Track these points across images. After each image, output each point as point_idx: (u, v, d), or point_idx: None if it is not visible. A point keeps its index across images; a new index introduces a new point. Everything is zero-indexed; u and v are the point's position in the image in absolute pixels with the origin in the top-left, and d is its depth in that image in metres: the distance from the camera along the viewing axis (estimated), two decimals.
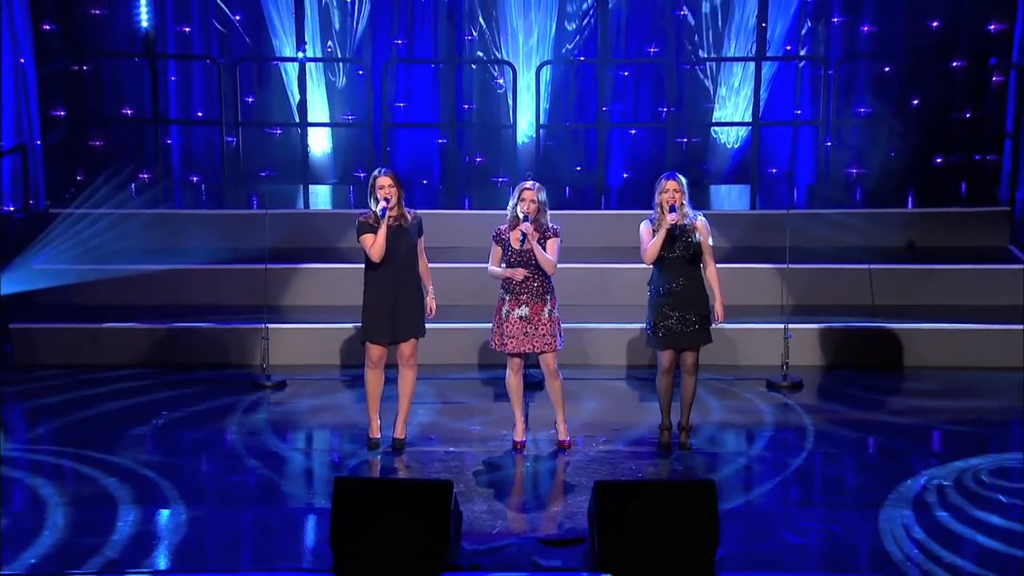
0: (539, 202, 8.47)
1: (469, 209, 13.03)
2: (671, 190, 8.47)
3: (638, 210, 10.38)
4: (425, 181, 14.60)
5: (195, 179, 14.59)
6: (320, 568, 6.87)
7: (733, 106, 14.47)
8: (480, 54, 14.44)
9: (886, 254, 11.86)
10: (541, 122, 13.90)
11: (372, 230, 8.51)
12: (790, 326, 10.42)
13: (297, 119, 14.32)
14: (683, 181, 8.54)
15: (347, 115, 14.63)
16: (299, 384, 10.40)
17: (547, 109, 14.19)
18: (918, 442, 9.10)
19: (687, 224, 8.52)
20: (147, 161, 14.20)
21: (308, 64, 14.18)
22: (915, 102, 14.05)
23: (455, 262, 11.12)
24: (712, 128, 14.52)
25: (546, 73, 14.00)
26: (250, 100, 14.46)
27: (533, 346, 8.57)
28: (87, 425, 9.41)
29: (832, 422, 9.48)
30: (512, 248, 8.55)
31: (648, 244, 8.53)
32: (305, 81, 14.18)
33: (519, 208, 8.47)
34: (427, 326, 8.80)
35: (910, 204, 13.10)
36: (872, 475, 8.44)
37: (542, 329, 8.56)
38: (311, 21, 14.28)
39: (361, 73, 14.37)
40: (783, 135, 14.54)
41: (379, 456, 8.72)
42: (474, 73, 14.52)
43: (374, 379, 8.76)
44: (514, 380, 8.74)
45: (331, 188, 14.45)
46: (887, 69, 14.15)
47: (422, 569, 6.66)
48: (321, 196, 14.15)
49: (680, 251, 8.53)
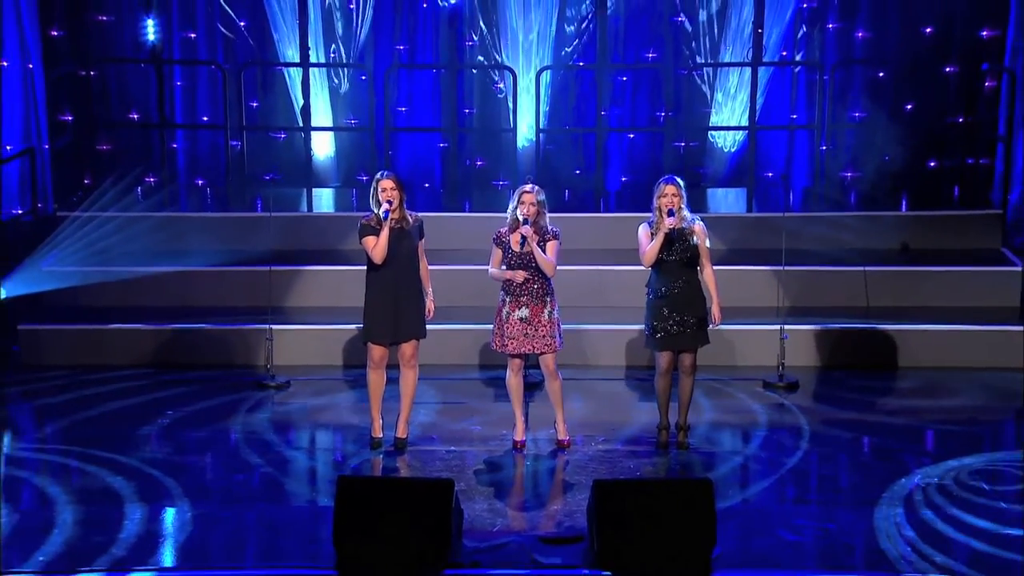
0: (539, 204, 8.47)
1: (470, 212, 13.03)
2: (670, 194, 8.46)
3: (636, 213, 10.38)
4: (426, 184, 14.59)
5: (200, 182, 14.58)
6: (323, 566, 6.87)
7: (730, 111, 14.46)
8: (481, 58, 14.43)
9: (880, 256, 11.86)
10: (541, 126, 13.89)
11: (374, 232, 8.50)
12: (786, 327, 10.42)
13: (301, 123, 14.32)
14: (681, 185, 8.54)
15: (350, 119, 14.62)
16: (302, 384, 10.39)
17: (547, 113, 14.18)
18: (912, 441, 9.10)
19: (685, 227, 8.51)
20: (153, 165, 14.18)
21: (312, 69, 14.18)
22: (909, 107, 14.04)
23: (456, 264, 11.12)
24: (709, 132, 14.50)
25: (546, 78, 14.00)
26: (254, 105, 14.46)
27: (533, 347, 8.57)
28: (94, 424, 9.41)
29: (827, 422, 9.47)
30: (512, 250, 8.54)
31: (646, 247, 8.52)
32: (309, 86, 14.19)
33: (519, 211, 8.47)
34: (428, 327, 8.80)
35: (904, 207, 13.09)
36: (866, 474, 8.45)
37: (542, 330, 8.55)
38: (315, 27, 14.27)
39: (364, 78, 14.36)
40: (779, 139, 14.52)
41: (381, 455, 8.72)
42: (475, 78, 14.51)
43: (376, 379, 8.75)
44: (514, 380, 8.74)
45: (334, 191, 14.44)
46: (881, 74, 14.14)
47: (424, 566, 6.66)
48: (324, 199, 14.14)
49: (678, 254, 8.52)
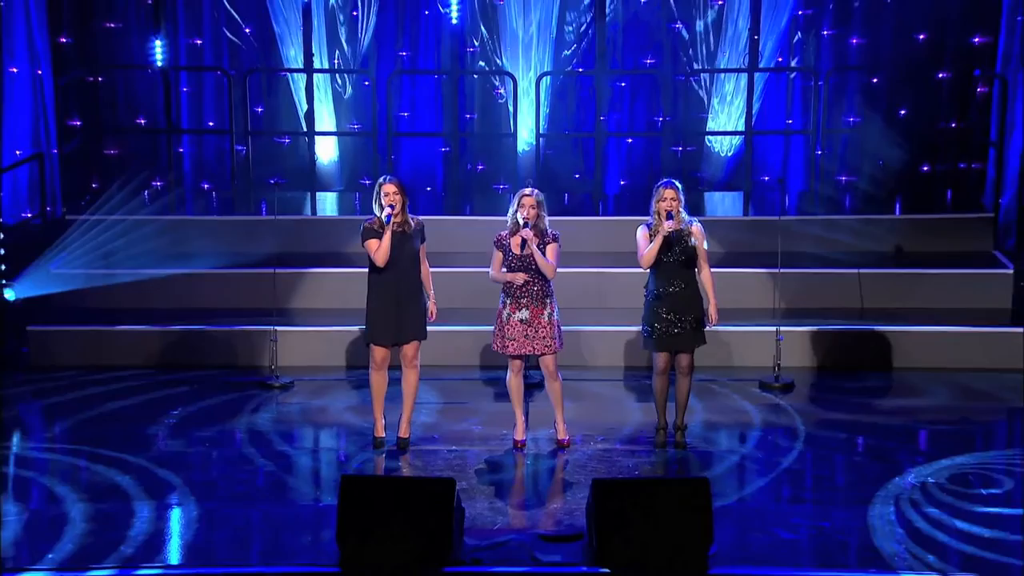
0: (538, 207, 8.46)
1: (471, 215, 13.02)
2: (668, 198, 8.45)
3: (635, 216, 10.36)
4: (428, 188, 14.58)
5: (206, 186, 14.58)
6: (327, 563, 6.86)
7: (726, 116, 14.46)
8: (482, 63, 14.43)
9: (875, 259, 11.85)
10: (541, 131, 13.89)
11: (377, 235, 8.50)
12: (782, 328, 10.40)
13: (305, 128, 14.33)
14: (679, 188, 8.54)
15: (353, 124, 14.62)
16: (306, 385, 10.38)
17: (547, 118, 14.19)
18: (906, 441, 9.09)
19: (682, 229, 8.51)
20: (160, 169, 14.19)
21: (316, 75, 14.18)
22: (903, 112, 14.05)
23: (457, 266, 11.11)
24: (706, 137, 14.50)
25: (546, 84, 14.00)
26: (259, 110, 14.45)
27: (533, 348, 8.56)
28: (102, 424, 9.41)
29: (822, 422, 9.46)
30: (513, 253, 8.54)
31: (645, 250, 8.51)
32: (313, 91, 14.18)
33: (519, 214, 8.46)
34: (429, 329, 8.79)
35: (898, 211, 13.08)
36: (861, 473, 8.44)
37: (542, 332, 8.54)
38: (319, 34, 14.27)
39: (367, 84, 14.36)
40: (775, 144, 14.52)
41: (384, 455, 8.71)
42: (476, 84, 14.51)
43: (378, 380, 8.75)
44: (515, 381, 8.73)
45: (337, 195, 14.43)
46: (875, 80, 14.14)
47: (426, 564, 6.65)
48: (328, 203, 14.14)
49: (676, 256, 8.52)
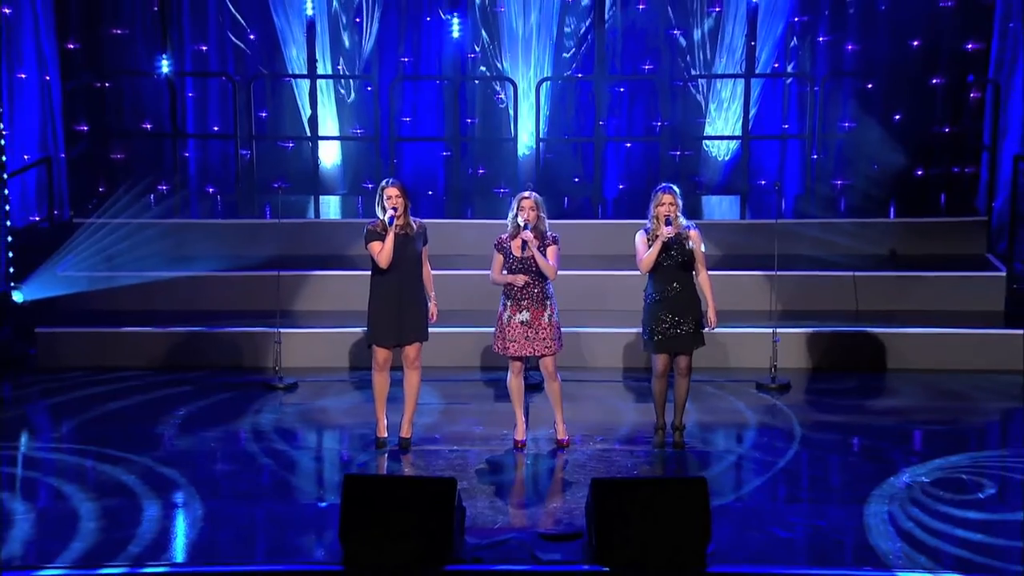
0: (538, 209, 8.45)
1: (472, 219, 13.00)
2: (667, 203, 8.45)
3: (633, 220, 10.35)
4: (430, 192, 14.57)
5: (211, 190, 14.56)
6: (330, 562, 6.85)
7: (724, 121, 14.44)
8: (483, 69, 14.42)
9: (870, 262, 11.84)
10: (541, 136, 13.88)
11: (380, 238, 8.49)
12: (778, 330, 10.39)
13: (308, 133, 14.31)
14: (677, 193, 8.53)
15: (356, 129, 14.60)
16: (309, 386, 10.37)
17: (546, 122, 14.17)
18: (900, 441, 9.07)
19: (680, 233, 8.50)
20: (165, 173, 14.17)
21: (319, 81, 14.18)
22: (897, 117, 14.03)
23: (458, 269, 11.10)
24: (703, 141, 14.49)
25: (545, 89, 13.99)
26: (263, 115, 14.44)
27: (534, 349, 8.55)
28: (108, 424, 9.40)
29: (818, 422, 9.45)
30: (514, 255, 8.53)
31: (644, 255, 8.51)
32: (316, 97, 14.18)
33: (519, 217, 8.45)
34: (430, 330, 8.78)
35: (892, 214, 13.07)
36: (856, 472, 8.42)
37: (542, 333, 8.53)
38: (322, 40, 14.26)
39: (369, 89, 14.35)
40: (771, 148, 14.50)
41: (386, 454, 8.71)
42: (477, 89, 14.50)
43: (381, 381, 8.74)
44: (515, 382, 8.72)
45: (340, 199, 14.42)
46: (870, 86, 14.12)
47: (427, 562, 6.64)
48: (331, 206, 14.12)
49: (674, 259, 8.51)
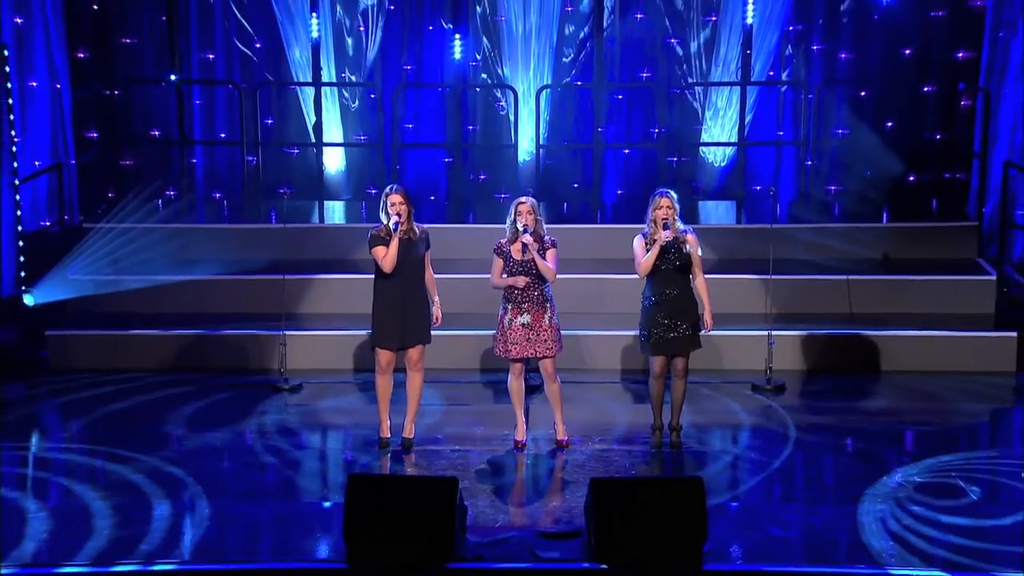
0: (535, 211, 8.45)
1: (473, 223, 13.00)
2: (664, 207, 8.45)
3: (631, 224, 10.35)
4: (432, 197, 14.56)
5: (218, 195, 14.57)
6: (334, 559, 6.85)
7: (720, 127, 14.45)
8: (484, 76, 14.42)
9: (863, 266, 11.83)
10: (541, 142, 13.89)
11: (384, 243, 8.49)
12: (773, 333, 10.39)
13: (313, 139, 14.32)
14: (675, 197, 8.53)
15: (360, 135, 14.61)
16: (314, 387, 10.37)
17: (547, 128, 14.18)
18: (892, 441, 9.07)
19: (678, 237, 8.50)
20: (173, 179, 14.19)
21: (323, 88, 14.18)
22: (889, 124, 14.04)
23: (460, 273, 11.09)
24: (700, 148, 14.49)
25: (545, 96, 14.00)
26: (269, 122, 14.45)
27: (535, 351, 8.55)
28: (117, 424, 9.40)
29: (812, 423, 9.44)
30: (514, 259, 8.53)
31: (642, 259, 8.51)
32: (321, 104, 14.19)
33: (518, 221, 8.45)
34: (433, 333, 8.78)
35: (885, 219, 13.05)
36: (850, 472, 8.43)
37: (543, 335, 8.53)
38: (326, 48, 14.27)
39: (373, 96, 14.36)
40: (766, 155, 14.50)
41: (389, 455, 8.70)
42: (478, 96, 14.51)
43: (384, 382, 8.74)
44: (515, 384, 8.72)
45: (345, 204, 14.42)
46: (863, 93, 14.13)
47: (430, 560, 6.64)
48: (335, 211, 14.12)
49: (671, 263, 8.51)
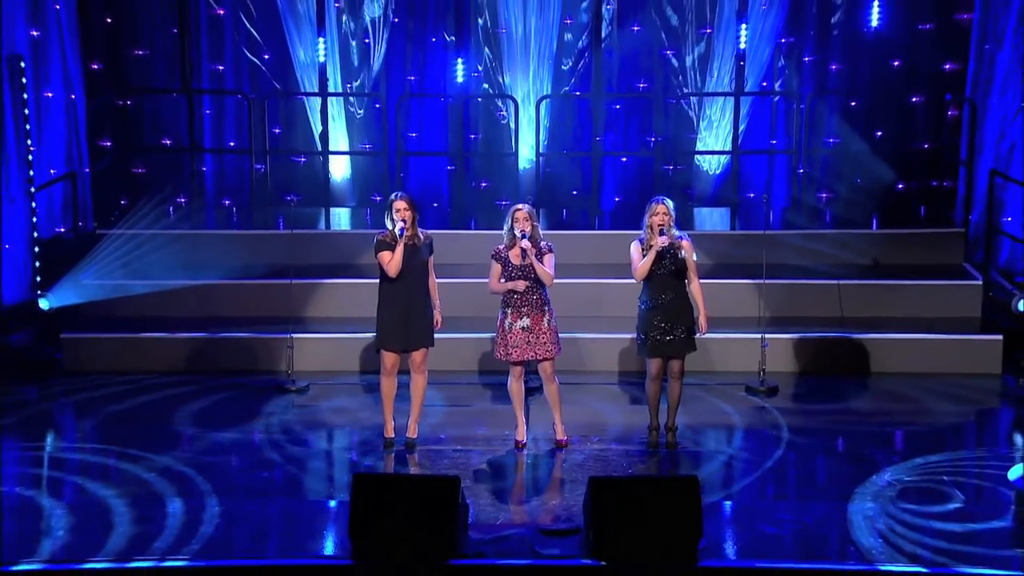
0: (531, 217, 8.47)
1: (475, 229, 13.00)
2: (661, 213, 8.46)
3: (629, 231, 10.36)
4: (435, 204, 14.57)
5: (227, 202, 14.57)
6: (340, 556, 6.86)
7: (714, 137, 14.46)
8: (486, 86, 14.44)
9: (853, 271, 11.83)
10: (541, 150, 13.91)
11: (390, 248, 8.50)
12: (767, 336, 10.40)
13: (320, 148, 14.33)
14: (671, 204, 8.54)
15: (365, 144, 14.61)
16: (320, 388, 10.38)
17: (546, 137, 14.19)
18: (882, 441, 9.08)
19: (674, 242, 8.51)
20: (184, 187, 14.19)
21: (330, 98, 14.20)
22: (879, 133, 14.04)
23: (462, 277, 11.09)
24: (695, 156, 14.50)
25: (545, 106, 14.02)
26: (277, 131, 14.45)
27: (535, 353, 8.56)
28: (129, 425, 9.40)
29: (804, 423, 9.45)
30: (513, 264, 8.54)
31: (639, 264, 8.52)
32: (327, 113, 14.21)
33: (516, 228, 8.47)
34: (435, 336, 8.79)
35: (875, 226, 13.06)
36: (841, 471, 8.43)
37: (543, 337, 8.55)
38: (333, 59, 14.29)
39: (378, 106, 14.37)
40: (760, 163, 14.50)
41: (393, 454, 8.71)
42: (480, 106, 14.52)
43: (388, 384, 8.75)
44: (516, 385, 8.73)
45: (350, 210, 14.43)
46: (853, 103, 14.13)
47: (433, 557, 6.65)
48: (341, 218, 14.14)
49: (667, 268, 8.53)
